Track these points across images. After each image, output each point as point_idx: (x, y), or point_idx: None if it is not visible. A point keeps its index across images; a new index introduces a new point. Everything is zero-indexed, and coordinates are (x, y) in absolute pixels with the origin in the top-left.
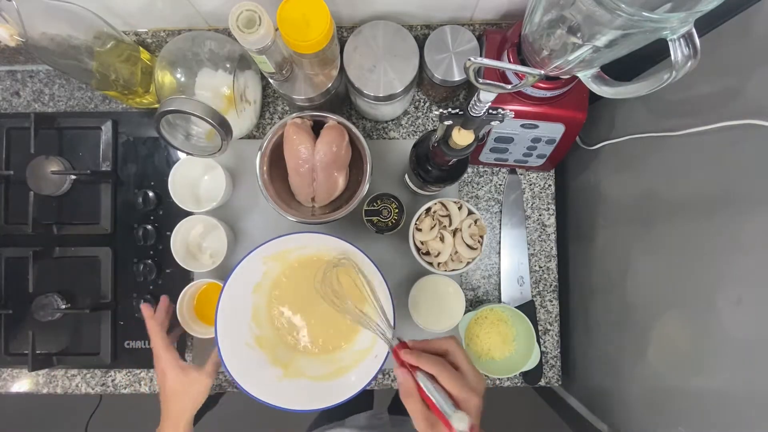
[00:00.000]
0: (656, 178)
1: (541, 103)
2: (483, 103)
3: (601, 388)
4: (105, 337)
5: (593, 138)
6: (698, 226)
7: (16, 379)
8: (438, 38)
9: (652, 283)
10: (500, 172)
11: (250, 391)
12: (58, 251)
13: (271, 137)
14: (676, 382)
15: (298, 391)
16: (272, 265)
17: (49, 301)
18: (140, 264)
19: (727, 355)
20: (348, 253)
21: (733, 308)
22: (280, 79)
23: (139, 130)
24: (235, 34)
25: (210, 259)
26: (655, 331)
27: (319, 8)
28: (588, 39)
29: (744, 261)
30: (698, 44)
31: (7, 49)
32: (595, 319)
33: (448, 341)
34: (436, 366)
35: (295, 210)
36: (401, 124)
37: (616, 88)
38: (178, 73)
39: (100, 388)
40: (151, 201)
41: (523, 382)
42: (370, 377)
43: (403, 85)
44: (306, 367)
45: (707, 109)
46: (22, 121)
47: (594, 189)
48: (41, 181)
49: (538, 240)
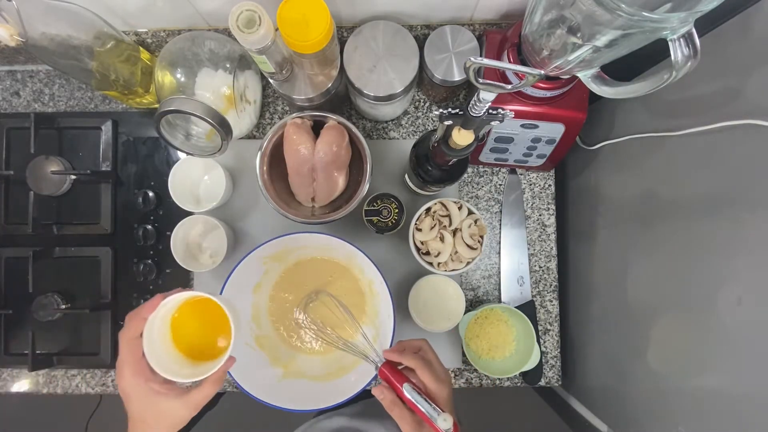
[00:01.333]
0: (656, 178)
1: (541, 103)
2: (483, 103)
3: (601, 388)
4: (105, 337)
5: (593, 138)
6: (698, 226)
7: (16, 379)
8: (438, 38)
9: (652, 283)
10: (500, 172)
11: (250, 391)
12: (58, 251)
13: (271, 137)
14: (676, 382)
15: (298, 391)
16: (272, 265)
17: (49, 301)
18: (140, 264)
19: (727, 355)
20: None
21: (733, 308)
22: (280, 79)
23: (139, 130)
24: (235, 34)
25: (210, 259)
26: (655, 331)
27: (319, 8)
28: (588, 39)
29: (744, 261)
30: (698, 44)
31: (7, 49)
32: (595, 319)
33: (420, 340)
34: (415, 359)
35: (295, 210)
36: (401, 124)
37: (616, 88)
38: (178, 73)
39: (100, 388)
40: (151, 201)
41: (523, 382)
42: (370, 377)
43: (403, 85)
44: (306, 367)
45: (707, 109)
46: (22, 121)
47: (594, 189)
48: (41, 181)
49: (538, 240)
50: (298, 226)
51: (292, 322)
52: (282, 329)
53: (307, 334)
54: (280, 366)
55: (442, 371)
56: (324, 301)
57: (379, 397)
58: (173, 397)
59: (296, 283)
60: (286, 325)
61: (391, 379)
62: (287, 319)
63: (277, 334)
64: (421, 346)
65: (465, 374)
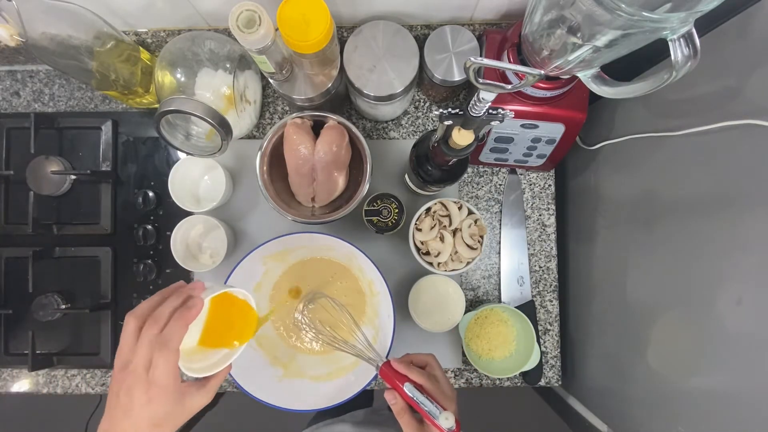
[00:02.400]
0: (656, 178)
1: (541, 103)
2: (483, 103)
3: (601, 388)
4: (105, 337)
5: (593, 138)
6: (698, 226)
7: (16, 379)
8: (438, 38)
9: (652, 283)
10: (500, 172)
11: (250, 391)
12: (58, 251)
13: (271, 137)
14: (676, 382)
15: (298, 391)
16: (272, 265)
17: (49, 301)
18: (140, 264)
19: (727, 355)
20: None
21: (733, 308)
22: (280, 79)
23: (139, 130)
24: (235, 34)
25: (210, 259)
26: (654, 331)
27: (319, 8)
28: (588, 39)
29: (744, 261)
30: (698, 44)
31: (7, 49)
32: (595, 319)
33: (428, 355)
34: (422, 376)
35: (295, 210)
36: (401, 124)
37: (616, 88)
38: (178, 73)
39: (100, 388)
40: (151, 201)
41: (523, 382)
42: (370, 377)
43: (403, 85)
44: (306, 367)
45: (707, 109)
46: (22, 121)
47: (594, 189)
48: (41, 181)
49: (538, 240)
50: (298, 226)
51: (292, 322)
52: (282, 329)
53: (307, 334)
54: (280, 366)
55: (448, 389)
56: (322, 304)
57: (391, 402)
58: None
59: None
60: (286, 325)
61: (393, 378)
62: (287, 319)
63: (277, 334)
64: (429, 362)
65: (465, 374)
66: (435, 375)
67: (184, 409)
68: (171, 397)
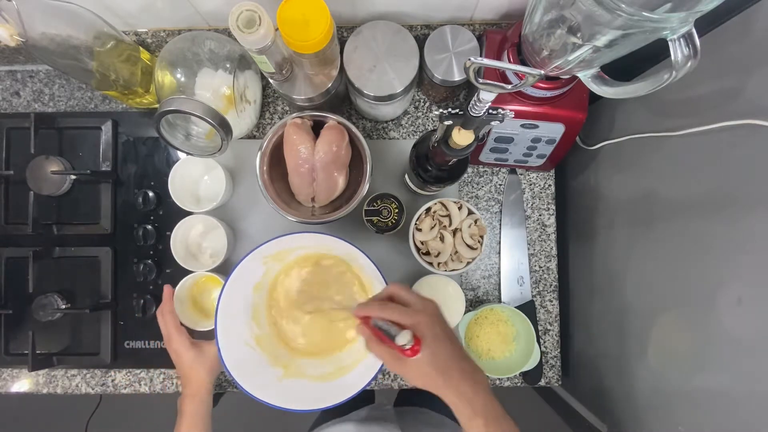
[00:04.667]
0: (656, 178)
1: (541, 103)
2: (483, 103)
3: (601, 388)
4: (105, 337)
5: (593, 138)
6: (698, 226)
7: (16, 379)
8: (438, 38)
9: (653, 283)
10: (500, 172)
11: (250, 391)
12: (58, 251)
13: (271, 137)
14: (676, 382)
15: (298, 391)
16: (272, 265)
17: (49, 301)
18: (140, 264)
19: (727, 355)
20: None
21: (733, 308)
22: (280, 79)
23: (139, 130)
24: (235, 34)
25: (210, 259)
26: (655, 331)
27: (319, 8)
28: (588, 39)
29: (744, 261)
30: (698, 44)
31: (7, 49)
32: (595, 319)
33: (388, 288)
34: (381, 307)
35: (295, 210)
36: (401, 124)
37: (616, 88)
38: (178, 73)
39: (100, 388)
40: (151, 201)
41: (523, 382)
42: (370, 377)
43: (403, 85)
44: (306, 367)
45: (707, 109)
46: (22, 121)
47: (594, 189)
48: (41, 181)
49: (538, 240)
50: (298, 226)
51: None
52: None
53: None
54: (280, 366)
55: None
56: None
57: (361, 334)
58: (205, 342)
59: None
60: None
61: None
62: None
63: (277, 334)
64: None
65: None
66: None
67: (203, 352)
68: (188, 348)
